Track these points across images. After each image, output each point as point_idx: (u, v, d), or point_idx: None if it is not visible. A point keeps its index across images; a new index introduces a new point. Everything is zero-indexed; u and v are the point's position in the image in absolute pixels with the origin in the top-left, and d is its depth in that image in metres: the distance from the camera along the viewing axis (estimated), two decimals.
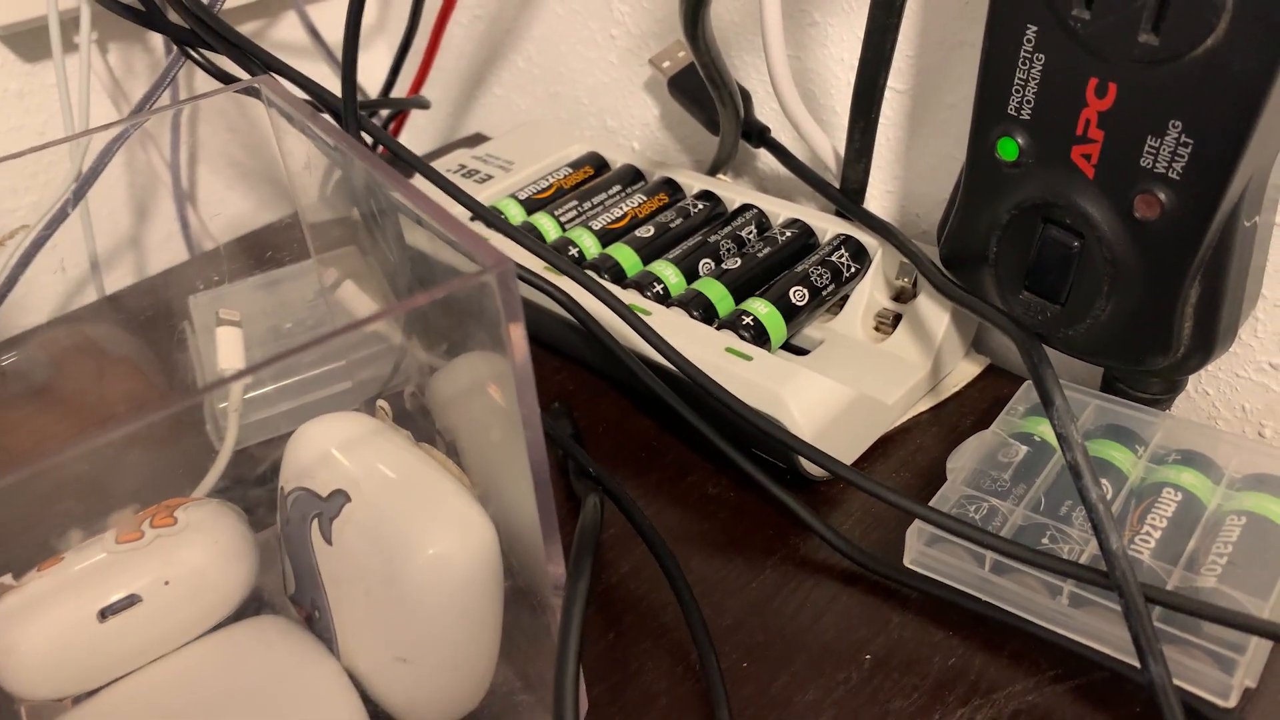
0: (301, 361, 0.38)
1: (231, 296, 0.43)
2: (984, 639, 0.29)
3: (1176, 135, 0.26)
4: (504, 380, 0.22)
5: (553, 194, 0.44)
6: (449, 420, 0.29)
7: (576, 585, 0.24)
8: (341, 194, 0.35)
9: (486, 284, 0.20)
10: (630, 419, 0.38)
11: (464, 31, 0.56)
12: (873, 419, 0.35)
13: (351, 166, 0.26)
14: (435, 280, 0.25)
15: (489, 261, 0.20)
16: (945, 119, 0.38)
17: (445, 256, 0.24)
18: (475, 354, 0.25)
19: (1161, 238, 0.28)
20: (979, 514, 0.29)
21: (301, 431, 0.29)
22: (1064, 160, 0.29)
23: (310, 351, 0.38)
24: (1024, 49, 0.28)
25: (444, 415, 0.29)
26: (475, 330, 0.24)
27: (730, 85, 0.37)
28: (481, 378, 0.25)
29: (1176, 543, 0.28)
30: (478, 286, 0.20)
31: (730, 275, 0.37)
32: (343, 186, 0.35)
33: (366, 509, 0.26)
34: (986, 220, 0.32)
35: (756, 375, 0.33)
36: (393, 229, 0.34)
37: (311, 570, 0.27)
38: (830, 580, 0.31)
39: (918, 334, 0.36)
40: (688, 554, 0.32)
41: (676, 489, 0.35)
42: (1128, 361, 0.30)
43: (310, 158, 0.30)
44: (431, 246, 0.26)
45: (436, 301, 0.25)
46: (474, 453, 0.27)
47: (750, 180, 0.47)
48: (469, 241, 0.21)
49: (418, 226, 0.30)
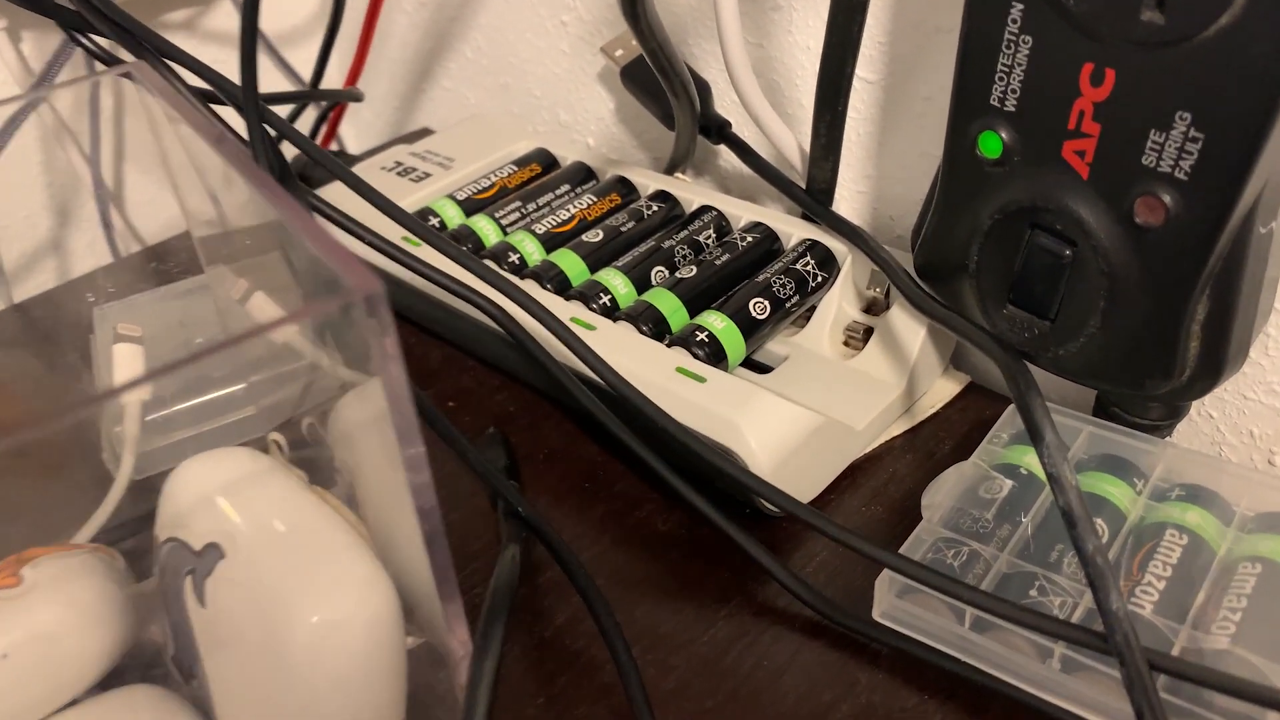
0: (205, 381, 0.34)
1: (141, 308, 0.39)
2: (964, 705, 0.25)
3: (1184, 129, 0.23)
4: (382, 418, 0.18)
5: (495, 194, 0.40)
6: (347, 458, 0.25)
7: (483, 665, 0.20)
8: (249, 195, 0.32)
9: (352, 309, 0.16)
10: (575, 445, 0.34)
11: (409, 19, 0.52)
12: (840, 447, 0.31)
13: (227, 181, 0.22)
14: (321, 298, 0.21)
15: (355, 284, 0.16)
16: (921, 112, 0.34)
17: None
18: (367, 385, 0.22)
19: (1166, 246, 0.24)
20: (958, 560, 0.26)
21: (178, 472, 0.25)
22: (1054, 158, 0.25)
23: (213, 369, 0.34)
24: (1009, 30, 0.25)
25: (342, 452, 0.25)
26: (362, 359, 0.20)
27: (683, 75, 0.34)
28: (371, 413, 0.21)
29: (1183, 595, 0.25)
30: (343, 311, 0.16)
31: (685, 285, 0.34)
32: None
33: (244, 566, 0.22)
34: (966, 226, 0.28)
35: (710, 400, 0.29)
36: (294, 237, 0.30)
37: (187, 633, 0.24)
38: (791, 632, 0.27)
39: (891, 350, 0.33)
40: (632, 601, 0.29)
41: (623, 525, 0.31)
42: (1126, 385, 0.27)
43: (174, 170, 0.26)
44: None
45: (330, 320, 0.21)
46: (372, 497, 0.24)
47: (711, 179, 0.43)
48: (337, 260, 0.17)
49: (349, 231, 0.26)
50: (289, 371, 0.31)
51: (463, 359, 0.38)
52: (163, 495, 0.25)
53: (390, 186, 0.41)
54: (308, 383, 0.30)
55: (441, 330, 0.38)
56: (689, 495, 0.29)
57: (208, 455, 0.25)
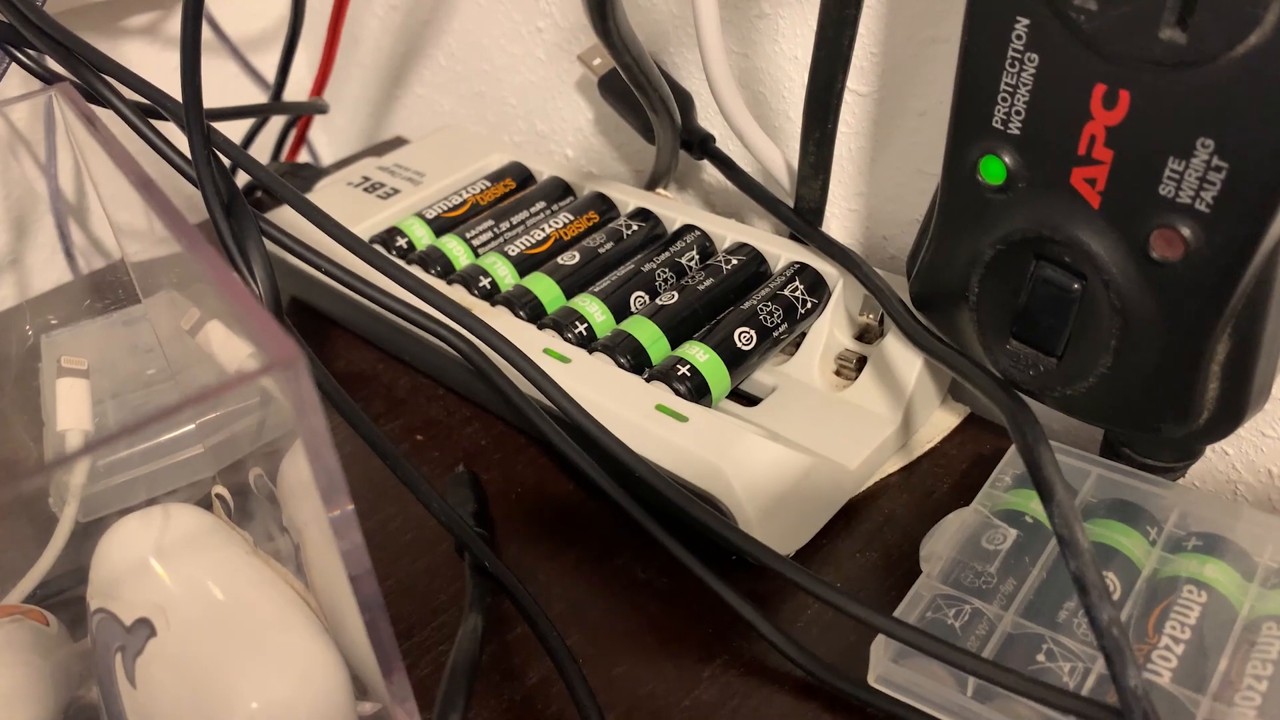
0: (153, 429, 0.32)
1: (90, 335, 0.37)
2: None
3: (1207, 157, 0.21)
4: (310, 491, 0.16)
5: (466, 211, 0.38)
6: (295, 516, 0.23)
7: None
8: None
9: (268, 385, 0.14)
10: (549, 482, 0.32)
11: (380, 23, 0.50)
12: (833, 488, 0.29)
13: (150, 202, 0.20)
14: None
15: (275, 356, 0.14)
16: (916, 127, 0.32)
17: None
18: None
19: (1185, 282, 0.22)
20: (959, 620, 0.24)
21: (112, 532, 0.23)
22: (1063, 185, 0.23)
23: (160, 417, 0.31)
24: (1013, 47, 0.23)
25: (290, 509, 0.23)
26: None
27: (661, 90, 0.32)
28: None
29: (1203, 660, 0.23)
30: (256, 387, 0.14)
31: (666, 313, 0.32)
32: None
33: (179, 643, 0.20)
34: (966, 255, 0.26)
35: (692, 441, 0.27)
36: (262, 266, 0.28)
37: (119, 714, 0.21)
38: (781, 694, 0.25)
39: (885, 380, 0.31)
40: (610, 660, 0.27)
41: (601, 572, 0.29)
42: (1140, 428, 0.25)
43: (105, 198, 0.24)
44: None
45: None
46: (317, 559, 0.22)
47: (696, 195, 0.41)
48: (258, 328, 0.15)
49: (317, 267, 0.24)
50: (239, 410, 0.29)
51: (432, 387, 0.36)
52: (95, 557, 0.23)
53: (356, 204, 0.39)
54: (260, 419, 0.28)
55: (409, 358, 0.36)
56: (669, 545, 0.27)
57: (145, 513, 0.23)
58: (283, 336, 0.14)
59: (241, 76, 0.55)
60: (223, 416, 0.31)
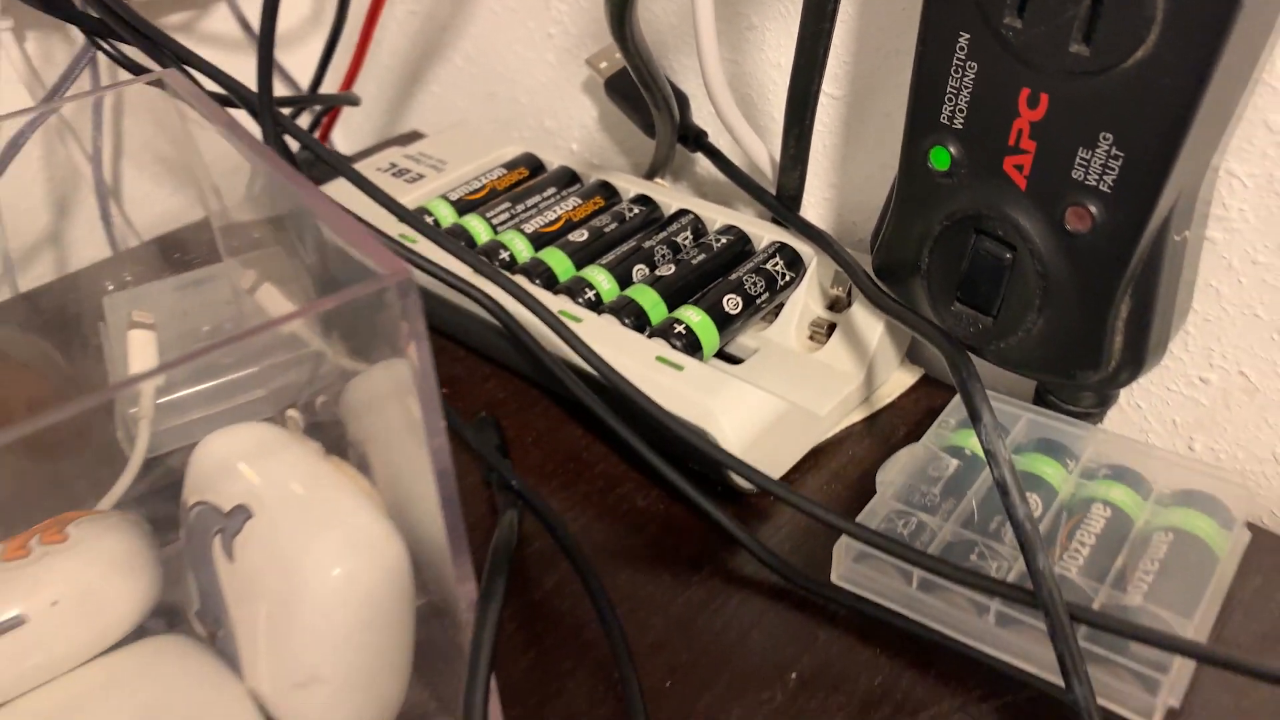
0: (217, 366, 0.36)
1: (148, 297, 0.42)
2: (912, 657, 0.28)
3: (1107, 148, 0.26)
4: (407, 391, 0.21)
5: (485, 195, 0.43)
6: (360, 431, 0.27)
7: (488, 608, 0.23)
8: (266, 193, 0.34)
9: (385, 293, 0.19)
10: (560, 429, 0.37)
11: (399, 27, 0.55)
12: (804, 431, 0.34)
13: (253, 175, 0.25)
14: (354, 284, 0.24)
15: (388, 270, 0.19)
16: (881, 127, 0.37)
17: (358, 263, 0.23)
18: (385, 364, 0.24)
19: (1092, 251, 0.27)
20: (908, 529, 0.29)
21: (205, 443, 0.27)
22: (996, 171, 0.28)
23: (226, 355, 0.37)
24: (956, 57, 0.28)
25: (355, 426, 0.28)
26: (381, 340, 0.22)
27: (663, 88, 0.36)
28: (390, 388, 0.24)
29: (1105, 559, 0.28)
30: (376, 296, 0.19)
31: (664, 282, 0.36)
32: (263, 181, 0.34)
33: (269, 525, 0.25)
34: (919, 230, 0.31)
35: (687, 386, 0.32)
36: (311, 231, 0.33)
37: (215, 588, 0.26)
38: (757, 596, 0.30)
39: (851, 344, 0.36)
40: (614, 569, 0.31)
41: (605, 501, 0.34)
42: (1059, 375, 0.30)
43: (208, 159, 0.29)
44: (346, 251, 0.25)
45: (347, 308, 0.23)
46: (384, 466, 0.26)
47: (688, 184, 0.46)
48: (370, 250, 0.19)
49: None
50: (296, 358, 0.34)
51: (454, 349, 0.40)
52: (190, 464, 0.27)
53: (386, 187, 0.44)
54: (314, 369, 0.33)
55: (435, 322, 0.41)
56: (667, 472, 0.31)
57: (232, 428, 0.27)
58: (394, 257, 0.19)
59: None
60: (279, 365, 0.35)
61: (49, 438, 0.23)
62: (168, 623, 0.28)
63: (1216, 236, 0.30)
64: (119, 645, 0.26)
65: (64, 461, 0.31)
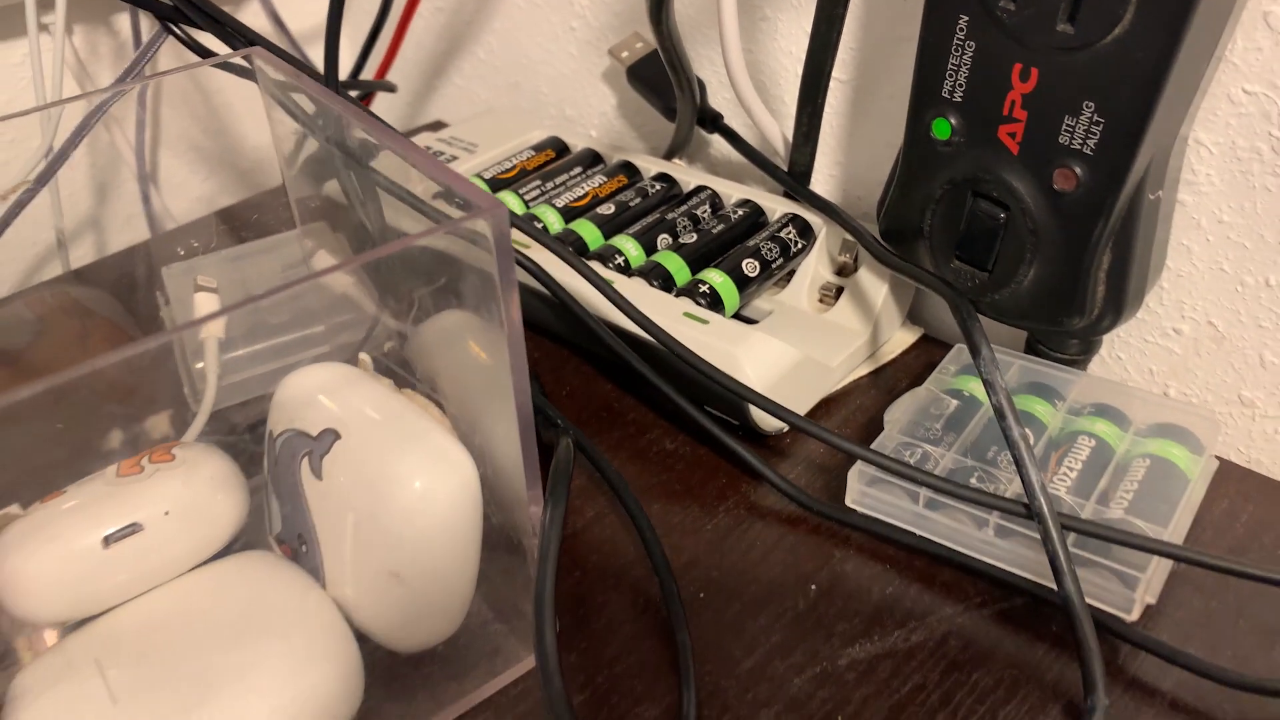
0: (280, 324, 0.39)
1: (206, 267, 0.45)
2: (919, 570, 0.32)
3: (1090, 114, 0.29)
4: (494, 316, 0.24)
5: (516, 174, 0.46)
6: (431, 369, 0.31)
7: (556, 507, 0.26)
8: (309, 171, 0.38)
9: (481, 227, 0.22)
10: (593, 384, 0.40)
11: (425, 23, 0.58)
12: (817, 379, 0.37)
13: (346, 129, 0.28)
14: (413, 259, 0.28)
15: (485, 205, 0.22)
16: (885, 108, 0.41)
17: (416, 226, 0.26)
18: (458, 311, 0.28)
19: (1077, 208, 0.31)
20: (913, 458, 0.32)
21: (290, 379, 0.30)
22: (992, 138, 0.32)
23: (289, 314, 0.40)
24: (957, 37, 0.31)
25: (426, 365, 0.31)
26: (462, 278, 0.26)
27: (689, 73, 0.40)
28: (465, 329, 0.27)
29: (1090, 482, 0.31)
30: (472, 229, 0.22)
31: (687, 249, 0.40)
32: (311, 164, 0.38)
33: (356, 445, 0.28)
34: (922, 195, 0.35)
35: (712, 337, 0.36)
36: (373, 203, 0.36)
37: (299, 506, 0.29)
38: (778, 522, 0.34)
39: (858, 305, 0.39)
40: (648, 502, 0.35)
41: (637, 445, 0.37)
42: (1047, 323, 0.34)
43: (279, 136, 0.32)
44: (407, 219, 0.29)
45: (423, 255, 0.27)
46: (456, 399, 0.29)
47: (704, 165, 0.49)
48: (463, 188, 0.23)
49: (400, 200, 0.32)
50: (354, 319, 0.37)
51: None
52: (275, 399, 0.30)
53: None
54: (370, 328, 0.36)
55: None
56: (696, 415, 0.35)
57: (313, 366, 0.31)
58: (488, 194, 0.22)
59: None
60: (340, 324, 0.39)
61: (129, 380, 0.26)
62: (245, 546, 0.31)
63: (1186, 199, 0.34)
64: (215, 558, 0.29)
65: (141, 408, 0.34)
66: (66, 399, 0.21)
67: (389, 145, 0.26)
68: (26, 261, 0.51)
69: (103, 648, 0.27)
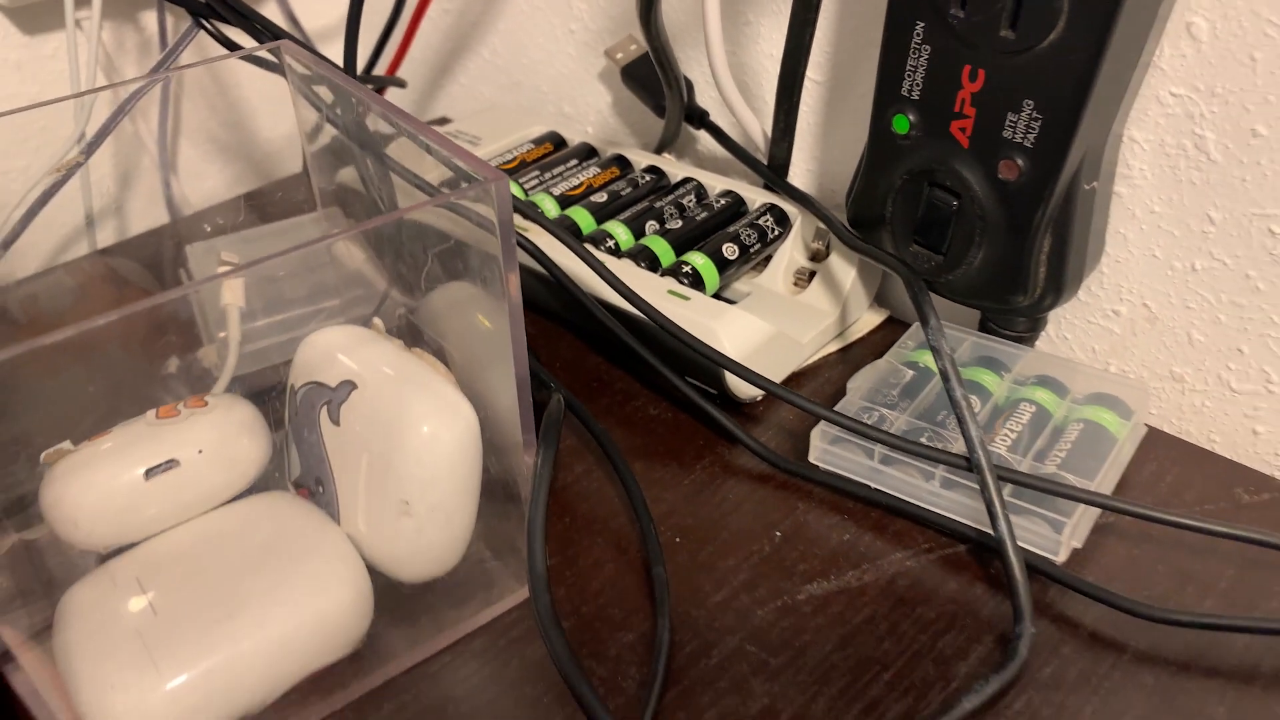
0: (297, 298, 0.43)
1: (225, 247, 0.48)
2: (873, 520, 0.35)
3: (1030, 111, 0.33)
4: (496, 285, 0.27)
5: (516, 165, 0.50)
6: (438, 333, 0.34)
7: (548, 450, 0.30)
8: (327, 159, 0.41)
9: (486, 192, 0.26)
10: (583, 357, 0.44)
11: (432, 24, 0.62)
12: (788, 353, 0.41)
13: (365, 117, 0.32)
14: (422, 236, 0.31)
15: (488, 175, 0.25)
16: (856, 107, 0.44)
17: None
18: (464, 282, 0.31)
19: (1019, 196, 0.34)
20: (871, 419, 0.36)
21: (310, 339, 0.34)
22: (945, 133, 0.35)
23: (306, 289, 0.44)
24: (914, 40, 0.35)
25: (434, 328, 0.34)
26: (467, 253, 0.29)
27: (678, 72, 0.44)
28: (470, 298, 0.31)
29: (1028, 442, 0.35)
30: (478, 195, 0.26)
31: (673, 234, 0.43)
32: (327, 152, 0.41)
33: (371, 395, 0.31)
34: (884, 185, 0.38)
35: (694, 312, 0.39)
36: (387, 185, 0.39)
37: (316, 451, 0.33)
38: (749, 479, 0.37)
39: (829, 287, 0.43)
40: (630, 460, 0.38)
41: (623, 411, 0.41)
42: (995, 301, 0.37)
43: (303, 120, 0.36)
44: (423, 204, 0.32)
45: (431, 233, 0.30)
46: (460, 359, 0.33)
47: (691, 159, 0.53)
48: (469, 161, 0.26)
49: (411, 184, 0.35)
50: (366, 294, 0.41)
51: None
52: (297, 356, 0.34)
53: None
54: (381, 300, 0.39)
55: None
56: (677, 381, 0.38)
57: (331, 328, 0.34)
58: (490, 166, 0.26)
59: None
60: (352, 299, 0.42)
61: (157, 340, 0.30)
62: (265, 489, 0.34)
63: (1122, 191, 0.37)
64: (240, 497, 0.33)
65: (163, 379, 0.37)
66: (104, 348, 0.25)
67: (406, 128, 0.29)
68: (54, 242, 0.55)
69: (143, 570, 0.30)
